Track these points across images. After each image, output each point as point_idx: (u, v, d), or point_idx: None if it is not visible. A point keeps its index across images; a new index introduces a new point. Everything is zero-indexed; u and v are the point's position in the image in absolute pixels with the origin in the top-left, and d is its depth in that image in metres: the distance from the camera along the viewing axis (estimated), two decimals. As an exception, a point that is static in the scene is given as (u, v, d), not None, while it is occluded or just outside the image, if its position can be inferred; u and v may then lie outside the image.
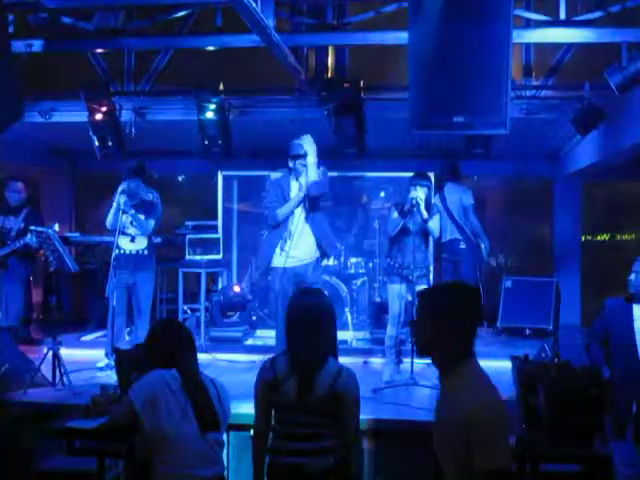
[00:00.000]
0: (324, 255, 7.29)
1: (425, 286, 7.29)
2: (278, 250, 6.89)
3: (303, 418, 3.80)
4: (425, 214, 7.19)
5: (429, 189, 7.41)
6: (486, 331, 9.87)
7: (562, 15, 6.65)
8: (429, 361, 7.32)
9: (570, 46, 7.76)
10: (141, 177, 7.97)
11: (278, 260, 6.95)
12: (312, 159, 6.94)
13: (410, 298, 7.29)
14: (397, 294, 7.33)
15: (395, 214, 7.35)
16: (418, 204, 7.13)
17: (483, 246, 9.58)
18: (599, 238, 14.52)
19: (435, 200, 9.51)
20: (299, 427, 3.80)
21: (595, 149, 8.81)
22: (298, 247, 6.96)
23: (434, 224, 7.34)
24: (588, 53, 7.50)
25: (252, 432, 3.96)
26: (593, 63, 7.52)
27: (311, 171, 6.90)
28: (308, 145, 6.99)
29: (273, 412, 3.90)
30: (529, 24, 6.93)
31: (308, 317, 3.95)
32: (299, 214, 6.98)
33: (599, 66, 7.12)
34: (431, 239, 7.63)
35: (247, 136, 9.34)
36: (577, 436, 4.04)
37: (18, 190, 8.73)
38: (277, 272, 7.01)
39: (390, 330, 7.43)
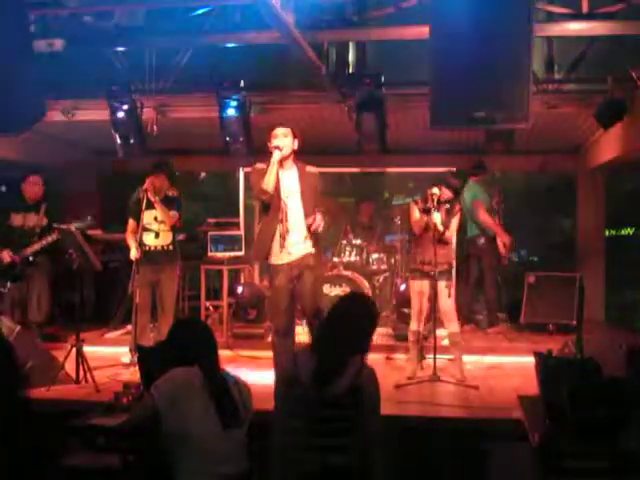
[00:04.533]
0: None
1: (447, 282, 7.30)
2: (277, 247, 6.48)
3: (324, 413, 3.79)
4: (441, 228, 7.20)
5: (454, 191, 7.38)
6: (509, 327, 9.84)
7: (584, 8, 6.59)
8: (452, 356, 7.38)
9: (592, 39, 7.69)
10: (166, 175, 8.05)
11: (278, 257, 6.51)
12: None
13: (432, 294, 7.27)
14: (419, 290, 7.32)
15: (417, 212, 7.35)
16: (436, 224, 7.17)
17: (501, 243, 9.58)
18: (623, 232, 14.43)
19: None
20: (320, 423, 3.79)
21: (618, 143, 8.75)
22: (294, 239, 6.48)
23: (451, 232, 7.37)
24: (611, 46, 7.43)
25: (273, 428, 3.96)
26: (616, 56, 7.46)
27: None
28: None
29: (293, 407, 3.89)
30: (551, 17, 6.88)
31: (341, 318, 3.97)
32: (294, 208, 6.54)
33: (622, 59, 7.06)
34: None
35: (268, 132, 9.33)
36: (601, 432, 4.02)
37: (38, 183, 8.75)
38: (277, 269, 6.54)
39: (413, 325, 7.43)
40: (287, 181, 6.58)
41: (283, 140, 6.49)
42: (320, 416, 3.80)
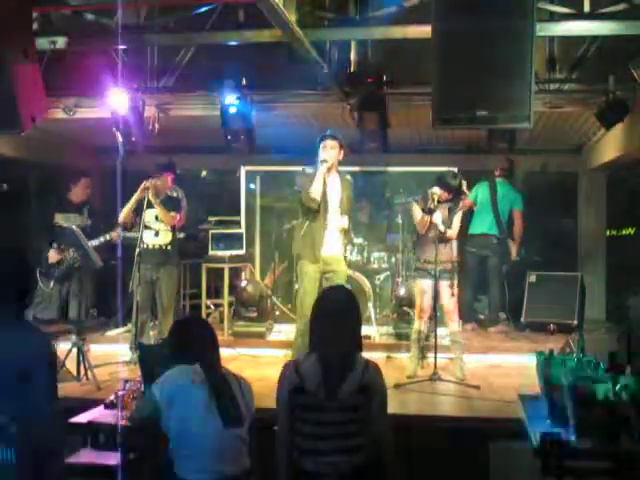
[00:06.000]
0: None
1: (448, 281, 7.31)
2: (320, 247, 7.20)
3: (333, 417, 3.76)
4: (442, 228, 7.22)
5: (454, 192, 7.39)
6: (510, 326, 9.84)
7: (586, 7, 6.58)
8: (453, 356, 7.39)
9: (594, 39, 7.68)
10: (171, 174, 8.09)
11: (314, 257, 7.22)
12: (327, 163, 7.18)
13: (435, 293, 7.29)
14: (422, 289, 7.32)
15: (418, 212, 7.36)
16: (437, 222, 7.25)
17: (514, 249, 9.71)
18: (624, 232, 14.39)
19: (476, 192, 9.62)
20: (329, 426, 3.76)
21: (620, 143, 8.75)
22: (331, 240, 7.29)
23: (452, 231, 7.38)
24: (613, 45, 7.42)
25: (276, 434, 3.93)
26: (618, 56, 7.44)
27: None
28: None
29: (298, 413, 3.86)
30: (553, 17, 6.87)
31: (337, 315, 3.93)
32: (333, 212, 7.29)
33: (624, 59, 7.05)
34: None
35: (270, 131, 9.33)
36: (603, 432, 4.01)
37: (89, 186, 8.90)
38: (310, 268, 7.25)
39: (416, 324, 7.44)
40: (331, 187, 7.31)
41: (330, 152, 7.19)
42: (330, 420, 3.77)
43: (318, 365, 3.83)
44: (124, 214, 7.92)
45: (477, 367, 7.88)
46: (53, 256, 8.32)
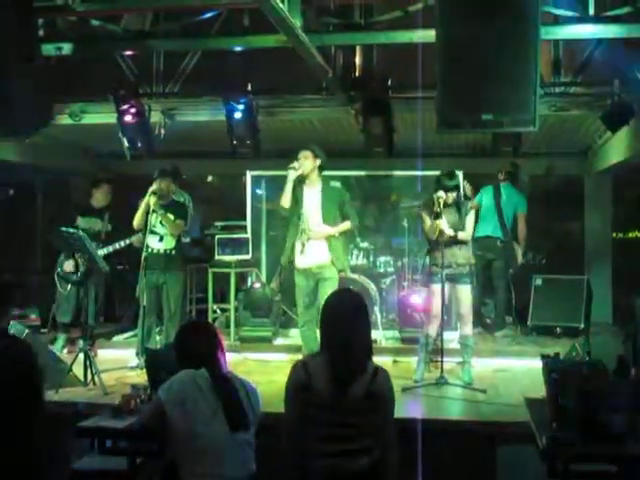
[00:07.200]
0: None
1: (468, 286, 7.28)
2: (299, 253, 7.43)
3: (339, 419, 3.73)
4: (451, 232, 7.21)
5: (456, 191, 7.40)
6: (516, 330, 9.83)
7: (591, 11, 6.58)
8: (460, 360, 7.38)
9: (599, 42, 7.68)
10: (174, 180, 8.10)
11: (299, 261, 7.47)
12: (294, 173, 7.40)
13: (451, 296, 7.29)
14: (438, 294, 7.25)
15: (427, 219, 7.33)
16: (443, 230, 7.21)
17: (520, 252, 9.72)
18: (630, 235, 14.38)
19: (481, 197, 9.64)
20: (335, 428, 3.74)
21: (625, 146, 8.74)
22: (313, 249, 7.44)
23: (466, 233, 7.35)
24: (618, 48, 7.42)
25: (283, 434, 3.93)
26: (623, 59, 7.44)
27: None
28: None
29: (307, 414, 3.84)
30: (558, 20, 6.88)
31: (344, 319, 3.91)
32: (315, 220, 7.45)
33: (629, 62, 7.04)
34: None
35: (275, 136, 9.35)
36: (609, 435, 4.02)
37: (110, 192, 8.95)
38: (297, 271, 7.56)
39: (427, 329, 7.40)
40: (310, 196, 7.50)
41: (302, 162, 7.38)
42: (336, 422, 3.75)
43: (327, 367, 3.81)
44: (137, 219, 7.96)
45: (484, 371, 7.87)
46: (69, 265, 8.41)
